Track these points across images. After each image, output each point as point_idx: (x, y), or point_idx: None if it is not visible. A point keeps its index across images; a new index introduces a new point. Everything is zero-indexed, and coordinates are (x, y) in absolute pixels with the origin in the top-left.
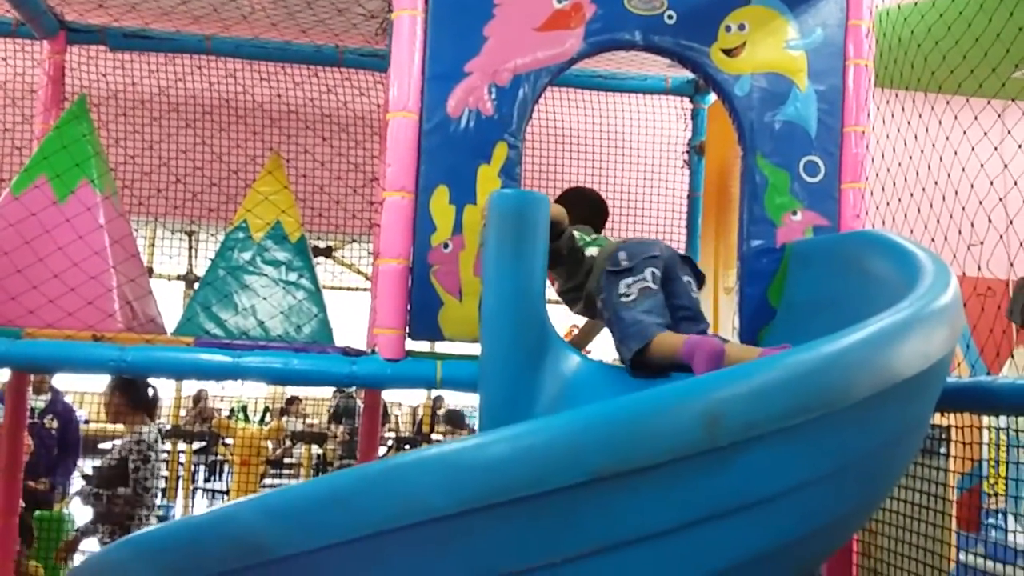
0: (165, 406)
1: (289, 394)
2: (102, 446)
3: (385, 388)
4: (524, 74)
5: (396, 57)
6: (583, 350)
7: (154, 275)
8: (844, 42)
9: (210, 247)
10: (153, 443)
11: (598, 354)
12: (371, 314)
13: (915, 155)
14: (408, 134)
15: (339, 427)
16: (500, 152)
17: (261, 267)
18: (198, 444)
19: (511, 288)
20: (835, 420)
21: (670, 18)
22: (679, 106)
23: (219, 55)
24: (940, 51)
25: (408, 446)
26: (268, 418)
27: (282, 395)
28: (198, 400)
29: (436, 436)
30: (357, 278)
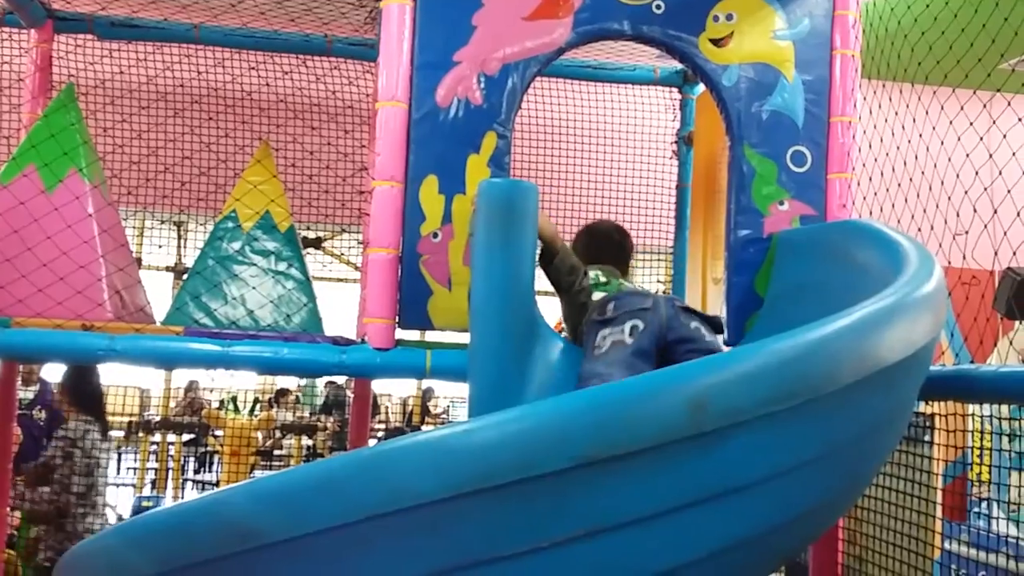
0: (155, 397)
1: (279, 386)
2: None
3: (375, 377)
4: (513, 63)
5: (385, 46)
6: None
7: (143, 266)
8: (831, 32)
9: (199, 238)
10: (79, 439)
11: None
12: (361, 304)
13: (902, 145)
14: (397, 123)
15: (329, 418)
16: (489, 142)
17: (250, 257)
18: (188, 436)
19: (500, 277)
20: (819, 406)
21: (658, 8)
22: (668, 96)
23: (207, 44)
24: (927, 41)
25: None
26: (258, 409)
27: (272, 387)
28: (188, 391)
29: (426, 427)
30: (347, 270)
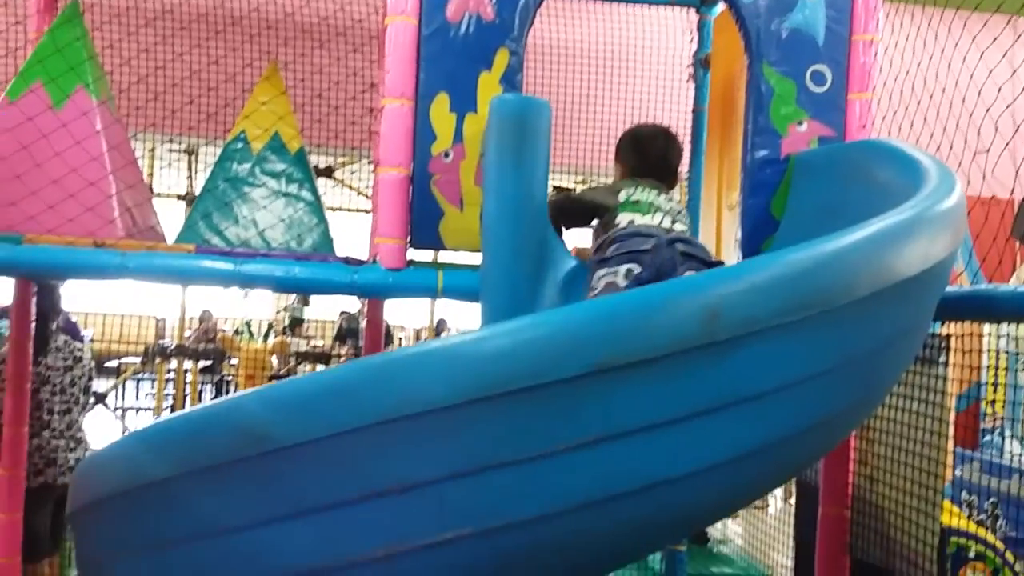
0: (169, 326)
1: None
2: (108, 364)
3: (387, 297)
4: None
5: None
6: None
7: (154, 195)
8: None
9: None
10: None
11: None
12: (372, 227)
13: (923, 64)
14: (407, 38)
15: (343, 347)
16: (501, 58)
17: (261, 178)
18: (204, 363)
19: (512, 195)
20: (834, 318)
21: None
22: (685, 17)
23: None
24: None
25: None
26: (272, 336)
27: (284, 317)
28: (202, 320)
29: None
30: (358, 200)
